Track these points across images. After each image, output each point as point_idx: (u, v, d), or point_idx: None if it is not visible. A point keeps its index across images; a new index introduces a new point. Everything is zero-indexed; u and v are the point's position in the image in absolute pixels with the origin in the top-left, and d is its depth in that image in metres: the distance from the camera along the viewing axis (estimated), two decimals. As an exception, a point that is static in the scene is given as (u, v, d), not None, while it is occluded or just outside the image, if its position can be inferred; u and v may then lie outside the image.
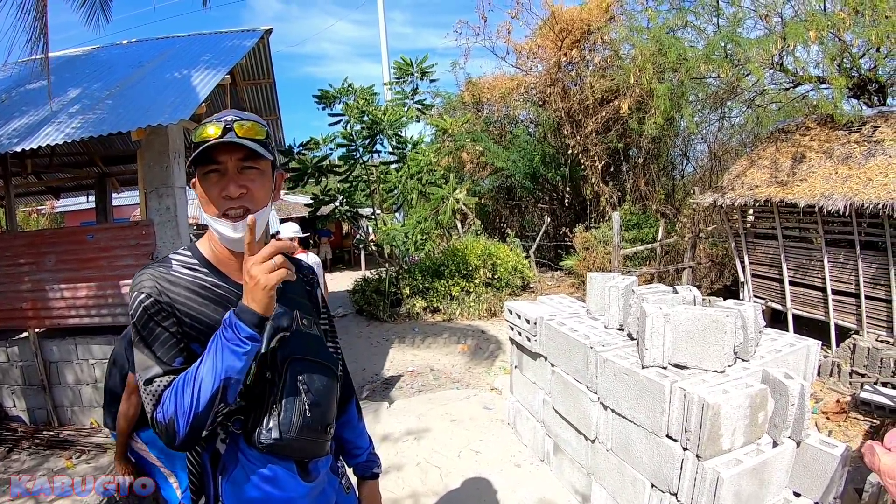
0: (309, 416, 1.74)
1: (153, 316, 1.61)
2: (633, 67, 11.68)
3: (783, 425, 3.07)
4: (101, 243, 7.02)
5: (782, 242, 9.64)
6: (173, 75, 8.06)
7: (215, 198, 1.66)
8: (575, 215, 17.86)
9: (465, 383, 8.28)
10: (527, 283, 14.43)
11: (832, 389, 7.32)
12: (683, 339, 3.37)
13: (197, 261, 1.77)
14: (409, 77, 12.77)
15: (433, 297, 12.40)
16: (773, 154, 10.12)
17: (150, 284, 1.63)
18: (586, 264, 13.59)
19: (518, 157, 16.96)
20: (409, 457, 5.47)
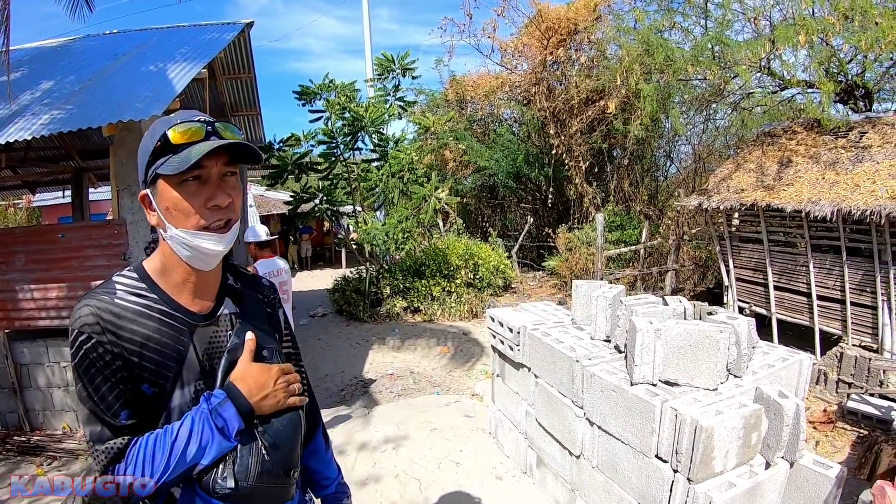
0: (268, 461, 1.54)
1: (95, 361, 1.45)
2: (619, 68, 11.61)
3: (777, 446, 2.94)
4: (72, 243, 6.90)
5: (767, 247, 9.59)
6: (149, 68, 7.91)
7: (199, 208, 1.49)
8: (558, 216, 17.76)
9: (445, 387, 8.18)
10: (509, 284, 14.33)
11: (818, 398, 7.26)
12: (675, 355, 3.23)
13: (145, 285, 1.58)
14: (391, 74, 12.67)
15: (414, 297, 12.27)
16: (759, 158, 10.06)
17: (90, 320, 1.45)
18: (569, 265, 13.55)
19: (501, 156, 16.85)
20: (387, 468, 5.31)
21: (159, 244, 1.61)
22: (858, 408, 6.46)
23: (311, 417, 2.02)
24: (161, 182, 1.48)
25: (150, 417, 1.52)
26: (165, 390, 1.52)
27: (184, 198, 1.47)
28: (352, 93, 12.07)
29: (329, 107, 11.84)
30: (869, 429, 6.23)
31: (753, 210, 9.51)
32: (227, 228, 1.53)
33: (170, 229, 1.50)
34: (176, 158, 1.44)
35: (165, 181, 1.47)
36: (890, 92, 11.01)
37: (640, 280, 13.04)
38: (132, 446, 1.47)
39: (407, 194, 11.71)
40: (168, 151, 1.46)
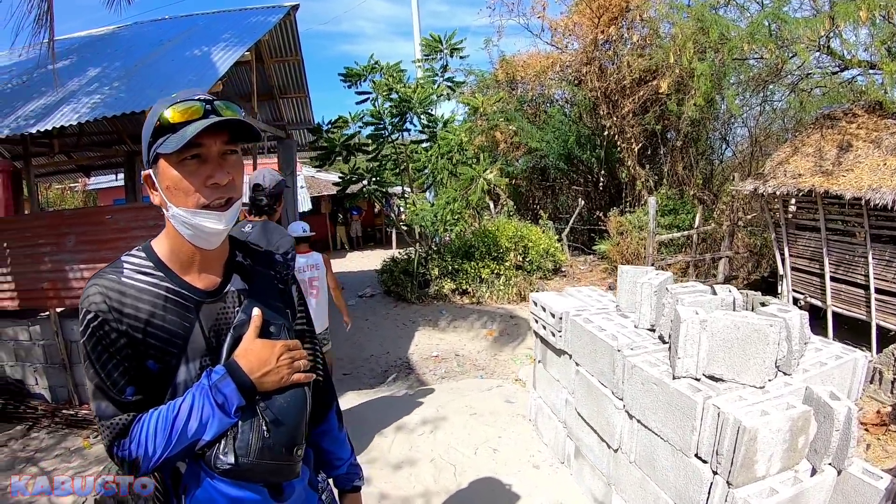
0: (269, 438, 1.52)
1: (101, 339, 1.47)
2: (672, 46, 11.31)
3: (825, 452, 2.76)
4: (119, 224, 7.03)
5: (825, 235, 9.26)
6: (193, 53, 8.05)
7: (199, 187, 1.48)
8: (610, 199, 17.50)
9: (489, 371, 8.11)
10: (558, 267, 14.17)
11: (872, 398, 6.96)
12: (721, 348, 3.05)
13: (152, 263, 1.59)
14: (439, 54, 12.58)
15: (462, 279, 12.19)
16: (817, 142, 9.71)
17: (97, 299, 1.47)
18: (619, 250, 13.35)
19: (552, 137, 16.64)
20: (423, 451, 5.26)
21: (165, 229, 1.62)
22: (915, 409, 6.19)
23: (325, 396, 2.01)
24: (162, 161, 1.48)
25: (156, 393, 1.54)
26: (170, 366, 1.54)
27: (183, 176, 1.47)
28: (398, 74, 11.97)
29: (376, 88, 11.81)
30: (926, 432, 5.97)
31: (811, 196, 9.16)
32: (227, 207, 1.53)
33: (171, 208, 1.51)
34: (174, 137, 1.43)
35: (166, 160, 1.47)
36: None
37: (693, 266, 12.74)
38: (136, 423, 1.49)
39: (456, 175, 11.61)
40: (167, 131, 1.46)
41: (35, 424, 7.07)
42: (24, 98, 7.38)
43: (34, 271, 7.37)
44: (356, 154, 12.54)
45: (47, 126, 6.30)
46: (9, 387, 7.76)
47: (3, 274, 7.49)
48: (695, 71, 10.75)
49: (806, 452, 2.86)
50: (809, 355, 3.50)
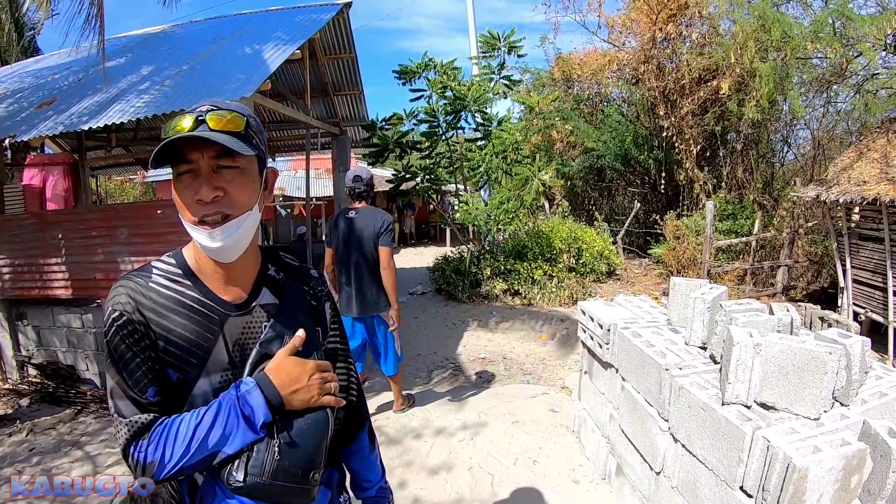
0: (282, 459, 1.45)
1: (125, 338, 1.45)
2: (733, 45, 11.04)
3: (879, 494, 2.56)
4: (170, 218, 7.13)
5: (889, 247, 8.86)
6: (244, 51, 8.15)
7: (189, 202, 1.46)
8: (667, 201, 17.18)
9: (536, 376, 7.98)
10: (613, 270, 13.97)
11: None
12: (774, 375, 2.87)
13: (180, 270, 1.59)
14: (496, 52, 12.40)
15: (514, 280, 12.06)
16: (884, 147, 9.35)
17: (124, 300, 1.47)
18: (675, 254, 13.09)
19: (609, 137, 16.43)
20: (462, 458, 5.20)
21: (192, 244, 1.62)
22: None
23: (357, 415, 1.98)
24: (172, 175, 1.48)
25: (175, 402, 1.51)
26: (190, 377, 1.51)
27: (178, 192, 1.48)
28: (452, 71, 11.85)
29: (430, 85, 11.72)
30: None
31: (876, 205, 8.77)
32: (223, 222, 1.47)
33: (184, 223, 1.50)
34: (156, 152, 1.41)
35: (172, 174, 1.48)
36: None
37: (750, 274, 12.45)
38: (157, 425, 1.45)
39: (510, 175, 11.50)
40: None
41: (83, 409, 7.22)
42: (79, 95, 7.59)
43: (88, 262, 7.62)
44: (410, 151, 12.51)
45: (99, 123, 6.49)
46: (60, 371, 8.03)
47: (59, 263, 7.74)
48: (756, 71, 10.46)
49: (858, 492, 2.66)
50: (869, 383, 3.30)
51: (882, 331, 9.13)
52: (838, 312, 9.85)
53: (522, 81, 17.40)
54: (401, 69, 11.82)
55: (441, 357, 8.93)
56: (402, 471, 5.01)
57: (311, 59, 10.44)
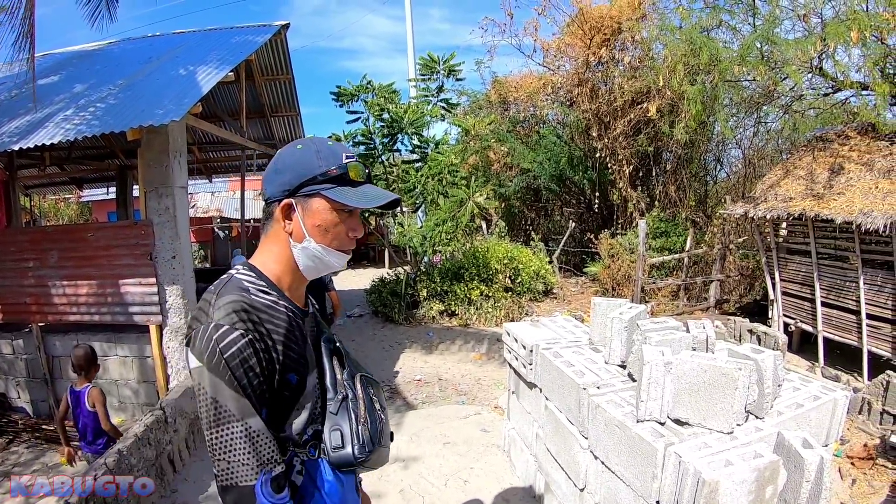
0: (384, 428, 1.81)
1: (250, 357, 1.50)
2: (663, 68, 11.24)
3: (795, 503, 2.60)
4: (101, 242, 7.27)
5: (815, 260, 9.14)
6: (178, 72, 8.08)
7: (341, 233, 1.69)
8: (602, 220, 17.37)
9: (471, 396, 7.95)
10: (549, 289, 14.03)
11: (860, 429, 6.78)
12: (686, 391, 2.90)
13: (264, 283, 1.68)
14: (435, 74, 12.44)
15: (451, 301, 12.05)
16: (809, 164, 9.65)
17: (243, 317, 1.52)
18: (610, 272, 13.21)
19: (544, 158, 16.54)
20: (393, 482, 5.19)
21: (272, 250, 1.72)
22: (904, 444, 5.99)
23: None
24: (319, 201, 1.64)
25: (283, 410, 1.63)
26: (305, 377, 1.67)
27: (336, 222, 1.66)
28: (390, 94, 11.87)
29: (368, 108, 11.71)
30: (914, 468, 5.77)
31: (802, 220, 9.06)
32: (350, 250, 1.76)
33: (308, 242, 1.66)
34: (353, 193, 1.65)
35: (328, 204, 1.64)
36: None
37: (683, 290, 12.67)
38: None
39: (446, 196, 11.50)
40: (344, 182, 1.65)
41: (16, 438, 7.18)
42: (10, 113, 7.54)
43: (18, 285, 7.59)
44: (346, 174, 12.36)
45: (28, 144, 6.44)
46: (-10, 400, 7.91)
47: (-12, 287, 7.63)
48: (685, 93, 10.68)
49: (774, 502, 2.67)
50: (787, 395, 3.35)
51: (812, 340, 9.42)
52: (769, 324, 10.06)
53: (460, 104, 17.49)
54: (338, 91, 11.74)
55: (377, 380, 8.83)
56: None
57: (248, 79, 10.32)
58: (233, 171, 15.91)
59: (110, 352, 7.75)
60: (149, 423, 5.04)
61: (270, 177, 1.68)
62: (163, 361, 7.40)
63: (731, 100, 12.93)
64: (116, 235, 7.29)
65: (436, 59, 12.22)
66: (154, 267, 7.10)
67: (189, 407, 5.83)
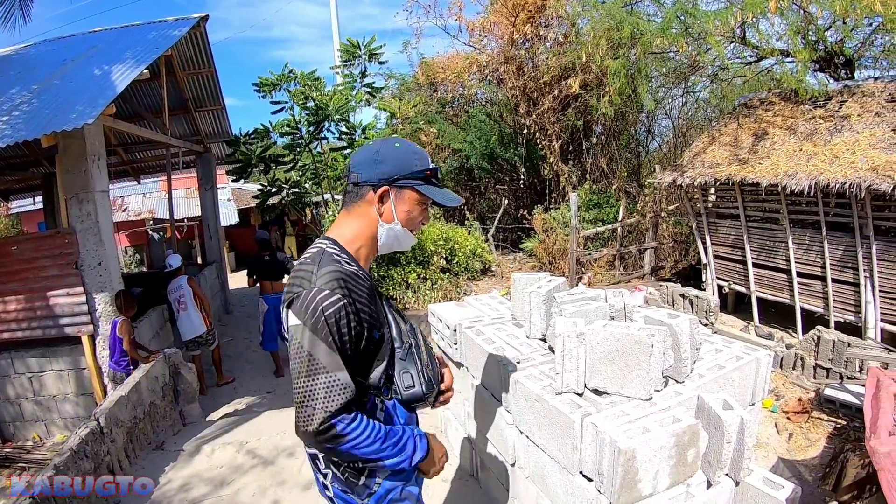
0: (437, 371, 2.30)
1: (344, 317, 1.80)
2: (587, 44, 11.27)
3: (718, 464, 2.58)
4: (25, 255, 7.04)
5: (745, 223, 9.32)
6: (93, 73, 7.77)
7: (416, 220, 2.10)
8: (536, 196, 17.38)
9: (410, 380, 7.86)
10: (487, 267, 13.97)
11: (795, 384, 6.92)
12: (602, 361, 2.87)
13: (346, 256, 1.97)
14: (357, 60, 12.33)
15: (389, 286, 11.92)
16: (734, 131, 9.82)
17: (342, 284, 1.82)
18: (546, 247, 13.21)
19: (475, 137, 16.47)
20: None
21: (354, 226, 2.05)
22: (836, 396, 6.10)
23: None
24: (412, 194, 2.04)
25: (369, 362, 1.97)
26: (382, 332, 1.99)
27: (420, 212, 2.10)
28: (314, 82, 11.69)
29: (292, 97, 11.52)
30: (847, 418, 5.89)
31: (729, 185, 9.22)
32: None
33: (396, 225, 2.04)
34: (439, 193, 2.09)
35: (417, 196, 2.05)
36: (871, 59, 10.66)
37: (619, 259, 12.80)
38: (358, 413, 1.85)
39: (375, 181, 11.26)
40: (432, 182, 2.07)
41: None
42: None
43: None
44: (273, 165, 12.22)
45: None
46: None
47: None
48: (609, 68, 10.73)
49: (699, 464, 2.68)
50: (709, 357, 3.36)
51: (746, 300, 9.61)
52: (703, 288, 10.22)
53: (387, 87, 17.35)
54: (260, 82, 11.45)
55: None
56: (275, 490, 4.96)
57: (169, 75, 9.98)
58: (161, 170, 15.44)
59: (45, 367, 7.47)
60: (84, 435, 4.85)
61: (368, 164, 2.00)
62: (98, 372, 7.16)
63: (658, 72, 13.02)
64: (40, 247, 7.05)
65: (356, 45, 12.11)
66: (80, 276, 6.86)
67: (125, 415, 5.61)
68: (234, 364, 9.09)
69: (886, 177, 6.84)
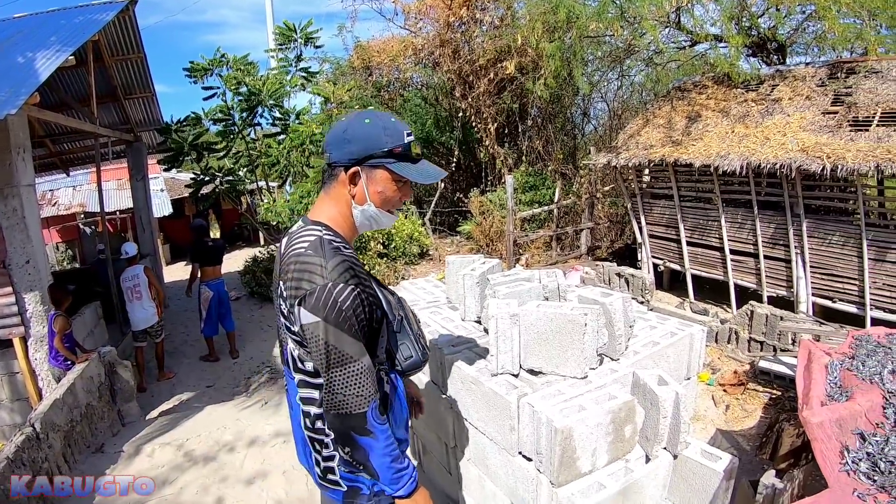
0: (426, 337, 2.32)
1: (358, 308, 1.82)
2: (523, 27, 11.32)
3: (655, 439, 2.61)
4: None
5: (679, 203, 9.49)
6: (16, 60, 7.32)
7: (392, 199, 2.01)
8: (472, 179, 17.43)
9: (353, 367, 7.83)
10: (425, 251, 14.00)
11: (731, 357, 7.09)
12: (536, 342, 2.87)
13: (340, 240, 1.94)
14: (293, 43, 12.21)
15: (324, 272, 11.82)
16: (668, 113, 10.00)
17: (353, 273, 1.83)
18: (483, 230, 13.29)
19: (410, 121, 16.42)
20: (276, 463, 5.17)
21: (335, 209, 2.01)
22: (771, 367, 6.30)
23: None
24: (383, 173, 1.95)
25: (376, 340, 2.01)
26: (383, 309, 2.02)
27: (394, 191, 1.99)
28: (246, 66, 11.44)
29: (224, 82, 11.30)
30: (782, 388, 6.05)
31: (663, 166, 9.39)
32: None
33: (369, 206, 1.98)
34: (414, 169, 1.96)
35: (389, 175, 1.95)
36: (804, 46, 10.98)
37: (556, 240, 12.98)
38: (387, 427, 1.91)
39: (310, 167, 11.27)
40: (406, 159, 1.95)
41: None
42: None
43: None
44: (206, 153, 11.95)
45: None
46: None
47: None
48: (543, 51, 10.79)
49: (636, 440, 2.72)
50: (644, 334, 3.39)
51: (681, 277, 9.82)
52: (640, 266, 10.39)
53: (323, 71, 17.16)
54: (191, 67, 11.20)
55: (257, 362, 8.70)
56: (218, 487, 4.91)
57: (98, 62, 9.59)
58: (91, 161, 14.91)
59: (-25, 374, 7.14)
60: (20, 442, 4.68)
61: (339, 143, 1.92)
62: (32, 375, 6.85)
63: (594, 55, 13.14)
64: None
65: (292, 28, 12.00)
66: (8, 275, 6.54)
67: (61, 419, 5.43)
68: (173, 360, 8.90)
69: (816, 157, 7.04)
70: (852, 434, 2.36)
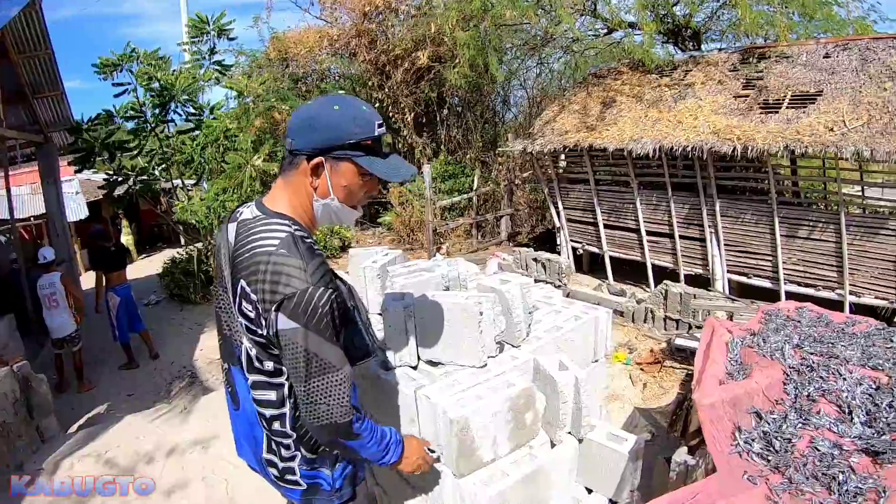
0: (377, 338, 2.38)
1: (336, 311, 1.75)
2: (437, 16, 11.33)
3: (558, 424, 2.62)
4: None
5: (594, 187, 9.66)
6: None
7: (357, 194, 1.87)
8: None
9: (275, 367, 7.72)
10: (346, 244, 13.95)
11: (647, 336, 7.23)
12: (433, 332, 2.86)
13: (307, 233, 1.84)
14: (206, 36, 11.93)
15: (242, 265, 11.61)
16: (584, 99, 10.15)
17: (330, 276, 1.81)
18: (403, 220, 13.35)
19: (326, 112, 16.25)
20: (195, 471, 5.05)
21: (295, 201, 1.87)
22: (686, 344, 6.46)
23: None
24: (349, 166, 1.79)
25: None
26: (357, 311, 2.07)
27: (359, 186, 1.85)
28: (157, 61, 11.11)
29: (136, 77, 10.95)
30: (698, 365, 6.20)
31: (578, 151, 9.49)
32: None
33: (332, 200, 1.84)
34: (383, 164, 1.83)
35: (355, 169, 1.80)
36: (718, 33, 11.23)
37: (476, 227, 13.13)
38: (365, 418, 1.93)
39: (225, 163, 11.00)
40: (376, 153, 1.82)
41: None
42: None
43: None
44: (118, 152, 11.55)
45: None
46: None
47: None
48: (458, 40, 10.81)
49: (539, 426, 2.72)
50: (548, 319, 3.39)
51: (599, 261, 10.02)
52: (559, 251, 10.52)
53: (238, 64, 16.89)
54: (101, 62, 10.83)
55: (178, 366, 8.56)
56: (140, 500, 4.75)
57: (3, 59, 9.23)
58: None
59: None
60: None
61: (302, 131, 1.77)
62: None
63: (511, 43, 13.22)
64: None
65: (205, 20, 11.74)
66: None
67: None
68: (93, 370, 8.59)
69: (727, 139, 7.25)
70: (748, 413, 2.39)
